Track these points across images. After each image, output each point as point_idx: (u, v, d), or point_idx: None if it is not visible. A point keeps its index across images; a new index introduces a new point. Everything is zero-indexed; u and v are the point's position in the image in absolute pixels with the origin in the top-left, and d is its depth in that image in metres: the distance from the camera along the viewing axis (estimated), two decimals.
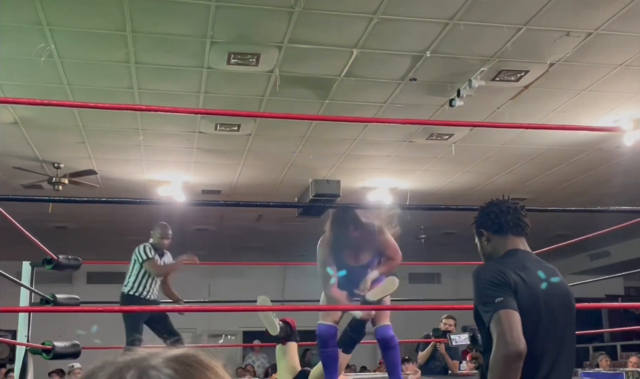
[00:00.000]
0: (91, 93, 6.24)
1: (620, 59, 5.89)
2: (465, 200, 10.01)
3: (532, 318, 2.31)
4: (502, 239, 2.54)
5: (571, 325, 2.45)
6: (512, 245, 2.53)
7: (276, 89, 6.15)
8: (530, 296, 2.33)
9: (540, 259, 2.58)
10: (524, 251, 2.53)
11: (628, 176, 9.00)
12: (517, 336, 2.19)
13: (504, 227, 2.53)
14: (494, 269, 2.38)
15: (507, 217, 2.53)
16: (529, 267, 2.43)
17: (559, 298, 2.43)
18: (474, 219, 2.64)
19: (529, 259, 2.50)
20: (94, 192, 8.60)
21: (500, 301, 2.26)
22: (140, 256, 5.71)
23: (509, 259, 2.49)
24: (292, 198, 9.56)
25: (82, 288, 12.58)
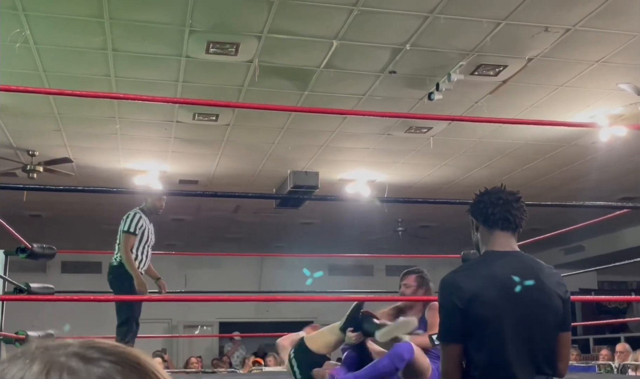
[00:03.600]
0: (67, 80, 6.16)
1: (597, 55, 5.94)
2: (443, 194, 10.07)
3: (494, 324, 2.32)
4: (488, 232, 2.49)
5: (545, 328, 2.38)
6: (494, 242, 2.48)
7: (255, 80, 6.11)
8: (490, 304, 2.32)
9: (523, 258, 2.49)
10: (503, 253, 2.45)
11: (603, 171, 9.11)
12: (447, 370, 2.40)
13: (490, 220, 2.47)
14: (457, 288, 2.36)
15: (495, 209, 2.45)
16: (498, 274, 2.39)
17: (531, 302, 2.36)
18: (469, 206, 2.59)
19: (505, 263, 2.43)
20: (69, 180, 8.51)
21: (445, 334, 2.42)
22: (124, 223, 5.38)
23: (479, 265, 2.50)
24: (270, 189, 9.53)
25: (57, 277, 12.43)
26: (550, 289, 2.39)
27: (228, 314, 13.90)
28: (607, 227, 11.40)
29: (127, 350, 0.58)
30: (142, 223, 5.39)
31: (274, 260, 14.53)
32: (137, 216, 5.42)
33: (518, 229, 2.49)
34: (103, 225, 11.85)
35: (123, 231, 5.31)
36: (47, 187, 5.15)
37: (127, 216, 5.40)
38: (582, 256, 13.44)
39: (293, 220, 11.86)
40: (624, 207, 6.57)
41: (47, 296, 3.36)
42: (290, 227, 12.44)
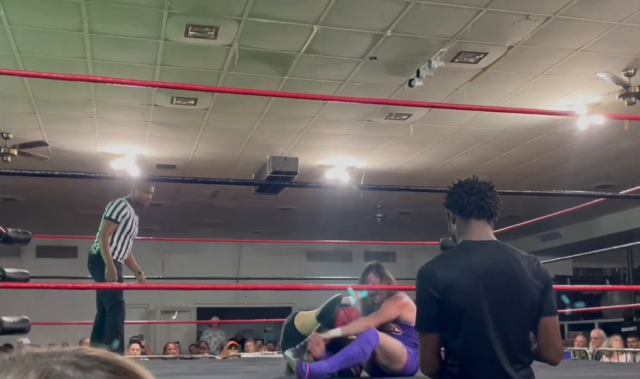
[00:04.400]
0: (42, 62, 6.04)
1: (576, 44, 5.96)
2: (422, 180, 10.09)
3: (469, 313, 2.34)
4: (464, 222, 2.51)
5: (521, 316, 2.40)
6: (470, 232, 2.50)
7: (235, 64, 6.05)
8: (466, 293, 2.35)
9: (500, 246, 2.51)
10: (479, 242, 2.48)
11: (581, 159, 9.19)
12: (425, 359, 2.44)
13: (465, 209, 2.49)
14: (433, 277, 2.39)
15: (470, 199, 2.48)
16: (473, 263, 2.42)
17: (507, 291, 2.38)
18: (444, 199, 2.61)
19: (481, 252, 2.46)
20: (45, 164, 8.38)
21: (421, 324, 2.44)
22: (107, 210, 5.29)
23: (455, 255, 2.53)
24: (249, 175, 9.48)
25: (31, 261, 12.30)
26: (527, 276, 2.41)
27: (206, 300, 13.86)
28: (583, 215, 11.52)
29: (121, 359, 0.59)
30: (126, 212, 5.31)
31: (252, 245, 14.49)
32: (121, 204, 5.34)
33: (493, 218, 2.52)
34: (79, 209, 11.72)
35: (105, 217, 5.22)
36: (22, 171, 5.04)
37: (111, 203, 5.32)
38: (559, 243, 13.57)
39: (272, 206, 11.82)
40: (599, 196, 6.64)
41: (23, 283, 3.30)
42: (269, 213, 12.40)
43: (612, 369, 4.49)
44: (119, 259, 5.27)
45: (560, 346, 2.50)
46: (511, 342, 2.37)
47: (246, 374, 4.37)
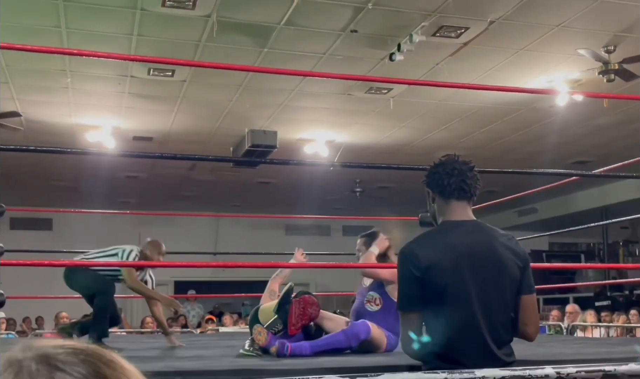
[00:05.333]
0: (15, 30, 5.87)
1: (557, 19, 5.93)
2: (402, 155, 10.06)
3: (450, 292, 2.36)
4: (444, 202, 2.52)
5: (501, 295, 2.42)
6: (450, 212, 2.51)
7: (213, 35, 5.94)
8: (447, 272, 2.37)
9: (479, 226, 2.53)
10: (459, 222, 2.49)
11: (560, 135, 9.22)
12: (406, 339, 2.41)
13: (446, 190, 2.50)
14: (409, 256, 2.42)
15: (451, 180, 2.49)
16: (454, 243, 2.43)
17: (487, 270, 2.41)
18: (424, 178, 2.61)
19: (461, 232, 2.47)
20: (18, 135, 8.21)
21: (403, 303, 2.45)
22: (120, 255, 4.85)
23: (436, 235, 2.54)
24: (227, 148, 9.38)
25: (5, 234, 12.11)
26: (506, 255, 2.43)
27: (183, 273, 13.78)
28: (560, 191, 11.60)
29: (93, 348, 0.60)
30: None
31: (230, 219, 14.42)
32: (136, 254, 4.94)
33: (473, 198, 2.54)
34: (53, 181, 11.56)
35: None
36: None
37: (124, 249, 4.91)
38: (535, 218, 13.69)
39: (250, 179, 11.75)
40: (575, 174, 6.68)
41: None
42: (248, 187, 12.32)
43: (588, 345, 4.53)
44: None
45: (537, 322, 2.59)
46: (493, 320, 2.39)
47: (225, 349, 4.34)
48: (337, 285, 3.66)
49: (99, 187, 11.27)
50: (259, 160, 8.54)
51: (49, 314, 11.01)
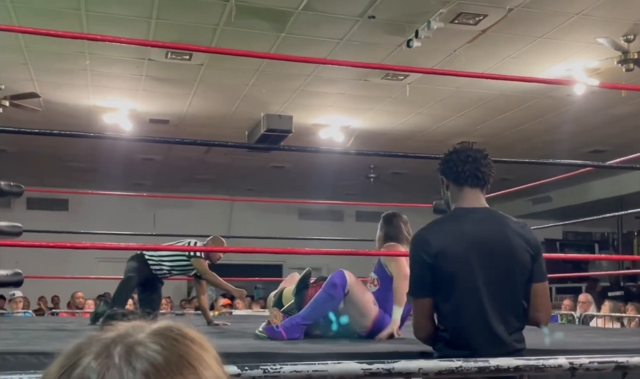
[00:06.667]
0: (35, 13, 5.92)
1: (577, 8, 5.90)
2: (416, 142, 10.06)
3: (461, 278, 2.39)
4: (458, 189, 2.54)
5: (512, 282, 2.43)
6: (463, 199, 2.53)
7: (231, 20, 5.95)
8: (457, 258, 2.39)
9: (492, 213, 2.55)
10: (471, 209, 2.51)
11: (577, 124, 9.17)
12: (418, 324, 2.49)
13: (460, 177, 2.52)
14: (426, 243, 2.44)
15: (465, 167, 2.51)
16: (465, 229, 2.45)
17: (498, 257, 2.42)
18: (439, 165, 2.63)
19: (473, 219, 2.49)
20: (37, 116, 8.28)
21: (415, 289, 2.49)
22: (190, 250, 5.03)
23: (447, 222, 2.57)
24: (242, 132, 9.41)
25: (22, 213, 12.25)
26: (518, 243, 2.45)
27: None
28: (575, 180, 11.54)
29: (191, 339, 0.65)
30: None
31: (244, 203, 14.48)
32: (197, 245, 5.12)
33: (486, 186, 2.56)
34: (69, 162, 11.65)
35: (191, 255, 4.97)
36: (15, 129, 4.96)
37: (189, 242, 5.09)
38: (550, 207, 13.64)
39: (264, 163, 11.78)
40: (588, 165, 6.65)
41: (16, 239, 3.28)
42: (262, 171, 12.36)
43: (600, 335, 4.55)
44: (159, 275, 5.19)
45: (549, 309, 2.61)
46: (503, 307, 2.41)
47: (239, 332, 4.39)
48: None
49: (115, 169, 11.36)
50: (274, 147, 8.56)
51: (64, 294, 11.16)
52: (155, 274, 5.14)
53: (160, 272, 5.16)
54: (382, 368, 1.72)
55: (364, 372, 1.69)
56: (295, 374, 1.61)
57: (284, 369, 1.61)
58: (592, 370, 2.00)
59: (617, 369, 2.01)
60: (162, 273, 5.18)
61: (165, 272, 5.17)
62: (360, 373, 1.69)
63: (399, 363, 1.76)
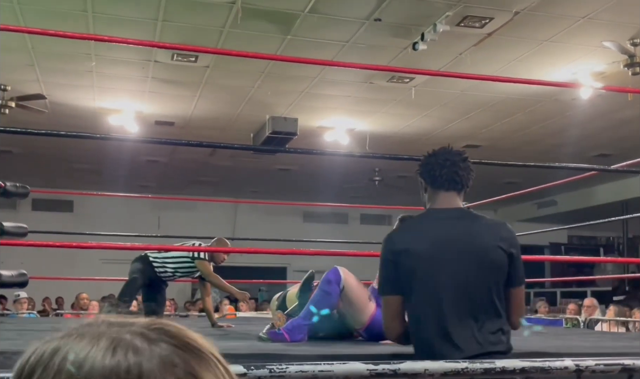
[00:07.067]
0: (42, 14, 5.94)
1: (583, 11, 5.89)
2: (421, 145, 10.01)
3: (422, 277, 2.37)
4: (434, 192, 2.53)
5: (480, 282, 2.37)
6: (437, 201, 2.51)
7: (237, 22, 5.96)
8: (420, 256, 2.37)
9: (463, 213, 2.52)
10: (442, 209, 2.49)
11: (582, 127, 9.15)
12: (386, 323, 2.49)
13: (437, 181, 2.51)
14: (391, 241, 2.46)
15: (442, 171, 2.49)
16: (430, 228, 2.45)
17: (464, 257, 2.37)
18: (417, 167, 2.62)
19: (441, 218, 2.47)
20: (42, 117, 8.31)
21: (381, 287, 2.49)
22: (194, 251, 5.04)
23: (416, 221, 2.60)
24: (248, 134, 9.42)
25: (27, 214, 12.31)
26: (490, 243, 2.40)
27: None
28: (580, 184, 11.53)
29: (190, 334, 0.60)
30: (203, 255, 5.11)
31: (248, 205, 14.49)
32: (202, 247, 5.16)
33: (464, 189, 2.55)
34: (75, 164, 11.68)
35: (195, 257, 4.99)
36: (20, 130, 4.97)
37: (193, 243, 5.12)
38: (555, 211, 13.61)
39: (269, 166, 11.79)
40: (594, 169, 6.64)
41: (22, 239, 3.29)
42: (267, 173, 12.37)
43: (605, 339, 4.53)
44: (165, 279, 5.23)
45: (523, 313, 2.57)
46: (473, 307, 2.35)
47: (243, 334, 4.39)
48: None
49: (120, 170, 11.38)
50: (279, 149, 8.56)
51: (68, 295, 11.16)
52: (159, 276, 5.15)
53: (164, 275, 5.17)
54: (387, 368, 1.72)
55: (369, 373, 1.69)
56: (301, 374, 1.61)
57: (289, 369, 1.61)
58: (598, 372, 1.99)
59: (623, 371, 2.01)
60: (166, 275, 5.19)
61: (169, 275, 5.19)
62: (366, 374, 1.69)
63: (404, 363, 1.76)
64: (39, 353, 0.57)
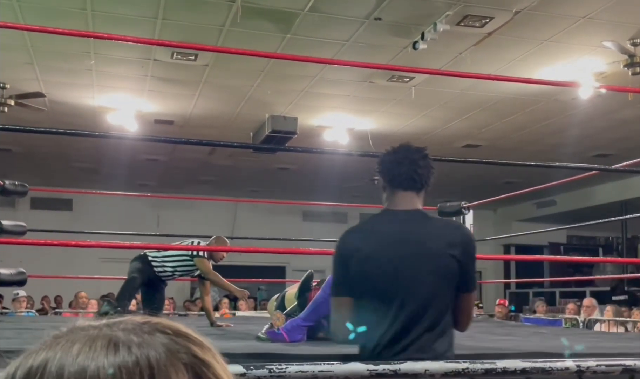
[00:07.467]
0: (41, 12, 5.93)
1: (583, 11, 5.88)
2: (422, 144, 9.95)
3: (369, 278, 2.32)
4: (390, 192, 2.46)
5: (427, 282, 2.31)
6: (394, 201, 2.44)
7: (237, 20, 5.94)
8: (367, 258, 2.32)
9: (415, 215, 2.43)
10: (397, 211, 2.43)
11: (582, 127, 9.15)
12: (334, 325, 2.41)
13: (395, 180, 2.43)
14: (342, 241, 2.42)
15: (401, 170, 2.42)
16: (380, 230, 2.40)
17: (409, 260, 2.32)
18: (377, 165, 2.54)
19: (391, 220, 2.42)
20: (41, 115, 8.30)
21: (333, 287, 2.44)
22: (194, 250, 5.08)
23: (368, 222, 2.52)
24: (247, 133, 9.41)
25: (26, 213, 12.28)
26: (439, 247, 2.34)
27: None
28: (580, 184, 11.53)
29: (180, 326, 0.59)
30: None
31: (248, 204, 14.48)
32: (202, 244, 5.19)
33: (423, 188, 2.47)
34: (74, 162, 11.67)
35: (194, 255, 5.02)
36: (19, 128, 4.96)
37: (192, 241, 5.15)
38: (554, 211, 13.61)
39: (269, 165, 11.78)
40: (592, 168, 6.63)
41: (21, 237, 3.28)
42: (266, 172, 12.36)
43: (604, 339, 4.53)
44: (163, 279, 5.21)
45: (471, 318, 2.51)
46: (417, 310, 2.29)
47: (242, 334, 4.38)
48: None
49: (119, 169, 11.37)
50: (278, 147, 8.55)
51: (67, 294, 11.16)
52: (158, 276, 5.15)
53: (163, 274, 5.16)
54: (388, 368, 1.71)
55: (369, 373, 1.68)
56: (301, 374, 1.60)
57: (289, 369, 1.60)
58: (599, 373, 1.99)
59: (625, 372, 2.00)
60: (165, 275, 5.18)
61: (168, 274, 5.18)
62: (366, 374, 1.68)
63: (405, 363, 1.75)
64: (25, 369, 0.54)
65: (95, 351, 0.54)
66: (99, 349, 0.54)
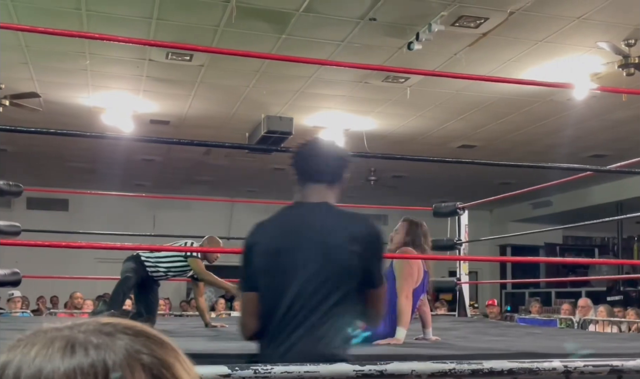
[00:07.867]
0: (36, 12, 5.92)
1: (578, 11, 5.89)
2: (416, 144, 10.05)
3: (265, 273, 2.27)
4: (302, 185, 2.43)
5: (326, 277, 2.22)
6: (304, 194, 2.41)
7: (232, 21, 5.95)
8: (264, 252, 2.29)
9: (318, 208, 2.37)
10: (301, 203, 2.40)
11: (577, 128, 9.17)
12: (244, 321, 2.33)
13: (305, 173, 2.41)
14: (247, 236, 2.38)
15: (310, 163, 2.41)
16: (280, 224, 2.37)
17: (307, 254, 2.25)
18: (290, 158, 2.51)
19: (295, 213, 2.40)
20: (37, 116, 8.29)
21: (240, 282, 2.40)
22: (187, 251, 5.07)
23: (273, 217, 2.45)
24: (243, 133, 9.41)
25: (22, 213, 12.26)
26: (338, 242, 2.26)
27: None
28: (575, 184, 11.55)
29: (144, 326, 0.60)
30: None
31: (244, 205, 14.47)
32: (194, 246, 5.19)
33: (336, 181, 2.43)
34: (69, 162, 11.66)
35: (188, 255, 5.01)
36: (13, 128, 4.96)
37: (185, 242, 5.15)
38: (550, 211, 13.63)
39: (265, 165, 11.78)
40: (588, 169, 6.65)
41: (15, 238, 3.28)
42: (262, 172, 12.36)
43: (597, 340, 4.54)
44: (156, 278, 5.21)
45: (382, 313, 2.47)
46: (311, 305, 2.21)
47: (235, 334, 4.38)
48: None
49: (115, 169, 11.36)
50: (273, 148, 8.56)
51: (63, 294, 11.15)
52: (151, 276, 5.14)
53: (156, 275, 5.15)
54: (374, 369, 1.72)
55: (356, 374, 1.68)
56: (286, 375, 1.61)
57: (274, 370, 1.60)
58: (586, 373, 1.99)
59: (612, 373, 2.01)
60: (158, 275, 5.17)
61: (161, 275, 5.17)
62: (353, 375, 1.68)
63: (391, 364, 1.75)
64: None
65: (52, 353, 0.54)
66: (56, 351, 0.54)
